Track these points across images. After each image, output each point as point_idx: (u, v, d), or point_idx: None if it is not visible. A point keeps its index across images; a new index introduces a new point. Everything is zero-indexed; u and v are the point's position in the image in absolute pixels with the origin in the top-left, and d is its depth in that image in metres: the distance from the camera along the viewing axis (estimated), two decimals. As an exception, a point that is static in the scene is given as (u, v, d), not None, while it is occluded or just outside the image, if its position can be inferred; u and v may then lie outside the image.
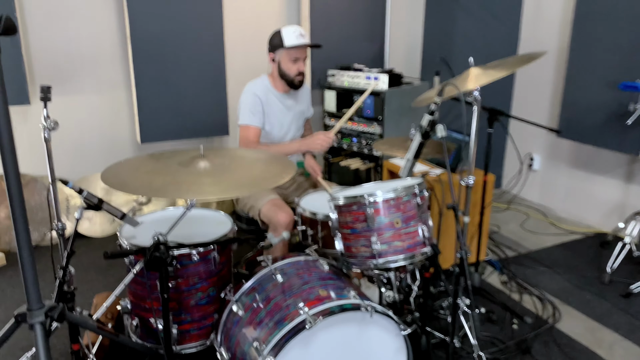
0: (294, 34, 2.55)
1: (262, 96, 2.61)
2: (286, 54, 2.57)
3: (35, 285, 1.37)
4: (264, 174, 1.82)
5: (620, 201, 3.44)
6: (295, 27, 2.58)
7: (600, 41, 3.14)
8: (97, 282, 2.90)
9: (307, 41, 2.59)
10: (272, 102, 2.66)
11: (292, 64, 2.58)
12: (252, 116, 2.58)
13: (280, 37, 2.56)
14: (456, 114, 4.35)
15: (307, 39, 2.60)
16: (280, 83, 2.66)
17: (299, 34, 2.56)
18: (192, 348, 1.95)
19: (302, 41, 2.56)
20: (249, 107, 2.59)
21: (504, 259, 3.13)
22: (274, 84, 2.69)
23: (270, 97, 2.66)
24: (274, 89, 2.69)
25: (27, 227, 1.33)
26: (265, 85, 2.67)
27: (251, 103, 2.59)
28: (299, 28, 2.59)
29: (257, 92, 2.61)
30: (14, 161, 1.28)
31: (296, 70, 2.60)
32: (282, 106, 2.70)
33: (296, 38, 2.54)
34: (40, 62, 3.36)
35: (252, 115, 2.58)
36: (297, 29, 2.58)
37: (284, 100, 2.71)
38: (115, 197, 3.55)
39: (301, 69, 2.62)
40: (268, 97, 2.65)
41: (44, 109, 1.94)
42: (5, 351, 2.24)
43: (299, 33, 2.56)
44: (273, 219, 2.34)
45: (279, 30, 2.59)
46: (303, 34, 2.58)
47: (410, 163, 2.14)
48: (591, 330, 2.43)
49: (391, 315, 1.71)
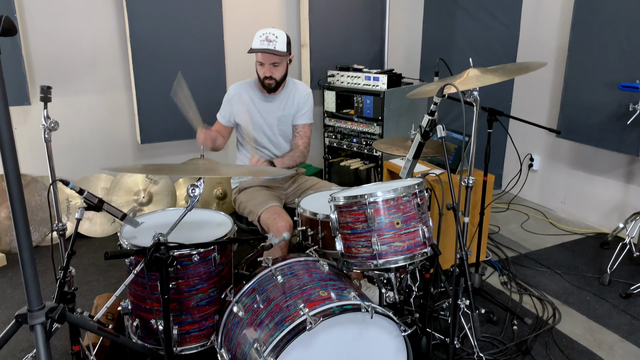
0: (259, 37, 2.51)
1: (235, 93, 2.68)
2: (254, 56, 2.58)
3: (36, 286, 1.37)
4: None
5: (620, 201, 3.44)
6: (265, 31, 2.52)
7: (600, 41, 3.14)
8: (98, 282, 2.90)
9: (266, 47, 2.50)
10: (245, 101, 2.67)
11: (259, 67, 2.58)
12: (221, 111, 2.72)
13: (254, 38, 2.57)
14: (456, 114, 4.35)
15: (273, 45, 2.51)
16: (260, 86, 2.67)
17: (265, 38, 2.50)
18: (193, 349, 1.95)
19: (263, 46, 2.50)
20: (223, 102, 2.73)
21: (504, 260, 3.13)
22: (260, 85, 2.68)
23: (248, 95, 2.68)
24: (258, 89, 2.70)
25: (27, 228, 1.33)
26: (247, 84, 2.71)
27: (225, 100, 2.71)
28: (269, 31, 2.52)
29: (231, 90, 2.70)
30: (14, 161, 1.28)
31: (262, 74, 2.57)
32: (261, 107, 2.69)
33: (259, 42, 2.51)
34: (40, 62, 3.36)
35: (221, 110, 2.72)
36: (267, 33, 2.51)
37: (265, 100, 2.70)
38: (116, 198, 3.55)
39: (267, 73, 2.56)
40: (243, 95, 2.67)
41: (44, 109, 1.94)
42: (5, 352, 2.24)
43: (265, 37, 2.50)
44: (272, 226, 2.34)
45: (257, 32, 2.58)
46: (271, 39, 2.50)
47: (410, 163, 2.14)
48: (591, 331, 2.43)
49: (391, 316, 1.71)
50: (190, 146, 3.94)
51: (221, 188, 3.88)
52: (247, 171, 2.44)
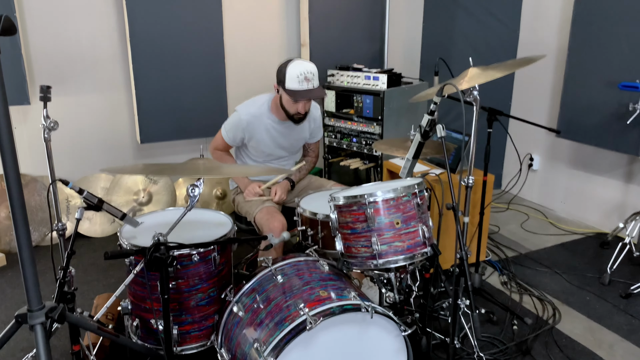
0: (297, 77, 2.35)
1: (248, 123, 2.53)
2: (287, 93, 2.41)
3: (36, 286, 1.37)
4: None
5: (620, 201, 3.44)
6: (302, 69, 2.35)
7: (600, 41, 3.14)
8: (98, 282, 2.90)
9: (309, 87, 2.37)
10: (260, 128, 2.56)
11: (292, 104, 2.43)
12: (228, 133, 2.59)
13: (284, 74, 2.38)
14: (456, 114, 4.35)
15: (312, 84, 2.38)
16: (280, 112, 2.53)
17: (303, 78, 2.35)
18: (193, 349, 1.95)
19: (303, 87, 2.36)
20: (230, 124, 2.58)
21: (504, 260, 3.13)
22: (275, 110, 2.55)
23: (262, 123, 2.56)
24: (273, 114, 2.56)
25: (27, 228, 1.33)
26: (261, 112, 2.56)
27: (234, 124, 2.56)
28: (306, 70, 2.35)
29: (243, 117, 2.53)
30: (14, 161, 1.28)
31: (295, 111, 2.46)
32: (275, 132, 2.59)
33: (299, 83, 2.35)
34: (40, 62, 3.36)
35: (229, 132, 2.59)
36: (304, 71, 2.35)
37: (280, 126, 2.59)
38: (116, 197, 3.55)
39: (302, 110, 2.45)
40: (258, 124, 2.55)
41: (44, 109, 1.94)
42: (5, 352, 2.24)
43: (304, 77, 2.34)
44: (265, 226, 2.35)
45: (287, 62, 2.40)
46: (309, 77, 2.36)
47: (410, 163, 2.14)
48: (591, 330, 2.43)
49: (391, 315, 1.71)
50: (190, 146, 3.94)
51: (221, 188, 3.88)
52: (247, 172, 2.45)
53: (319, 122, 2.78)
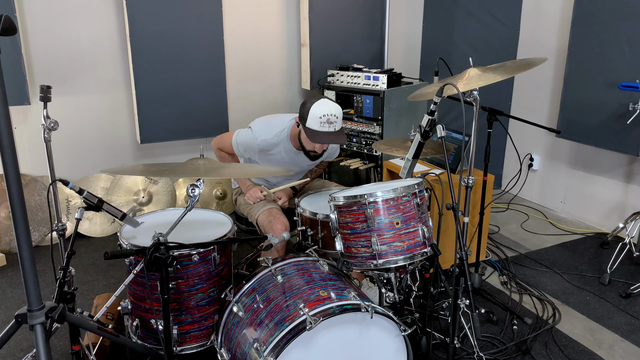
0: (319, 119, 2.26)
1: (262, 148, 2.48)
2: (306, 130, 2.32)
3: (36, 286, 1.37)
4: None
5: (620, 201, 3.44)
6: (326, 110, 2.26)
7: (600, 41, 3.14)
8: (98, 282, 2.90)
9: (330, 129, 2.27)
10: (275, 154, 2.52)
11: (309, 142, 2.37)
12: (239, 146, 2.53)
13: (307, 111, 2.29)
14: (456, 114, 4.35)
15: (334, 127, 2.28)
16: (297, 143, 2.47)
17: (326, 121, 2.26)
18: (193, 349, 1.95)
19: (324, 129, 2.27)
20: (244, 140, 2.50)
21: (504, 260, 3.13)
22: (293, 140, 2.49)
23: (277, 150, 2.51)
24: (290, 143, 2.51)
25: (27, 228, 1.33)
26: (278, 140, 2.49)
27: (247, 142, 2.49)
28: (330, 113, 2.26)
29: (259, 142, 2.46)
30: (14, 161, 1.28)
31: (312, 148, 2.41)
32: (288, 158, 2.55)
33: (320, 125, 2.26)
34: (40, 62, 3.36)
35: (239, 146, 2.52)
36: (328, 113, 2.26)
37: (295, 155, 2.55)
38: (116, 197, 3.55)
39: (319, 150, 2.41)
40: (273, 149, 2.50)
41: (44, 109, 1.94)
42: (5, 352, 2.24)
43: (327, 120, 2.25)
44: (268, 228, 2.36)
45: (312, 102, 2.30)
46: (332, 120, 2.26)
47: (410, 163, 2.14)
48: (591, 330, 2.43)
49: (391, 315, 1.71)
50: (190, 146, 3.94)
51: (221, 188, 3.88)
52: (247, 172, 2.45)
53: (336, 148, 2.72)
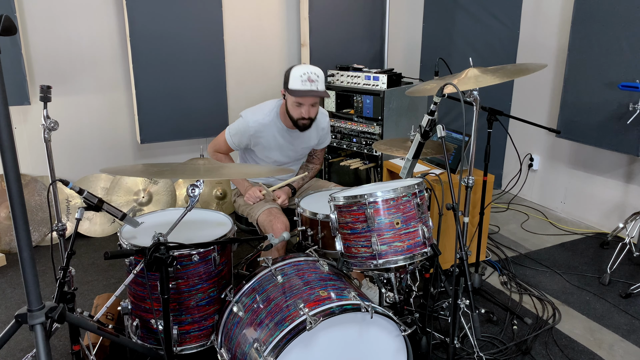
0: (300, 77, 2.33)
1: (256, 130, 2.50)
2: (290, 96, 2.40)
3: (36, 286, 1.37)
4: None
5: (620, 201, 3.44)
6: (305, 69, 2.34)
7: (600, 41, 3.14)
8: (98, 282, 2.90)
9: (312, 88, 2.34)
10: (268, 136, 2.53)
11: (296, 107, 2.41)
12: (233, 138, 2.56)
13: (288, 75, 2.38)
14: (456, 114, 4.35)
15: (316, 86, 2.35)
16: (288, 119, 2.50)
17: (307, 79, 2.33)
18: (193, 349, 1.95)
19: (306, 87, 2.34)
20: (236, 130, 2.54)
21: (504, 260, 3.13)
22: (282, 117, 2.53)
23: (270, 132, 2.53)
24: (282, 122, 2.54)
25: (27, 228, 1.33)
26: (269, 119, 2.52)
27: (240, 130, 2.52)
28: (310, 71, 2.34)
29: (250, 124, 2.50)
30: (14, 161, 1.28)
31: (299, 115, 2.42)
32: (283, 140, 2.57)
33: (301, 83, 2.33)
34: (40, 62, 3.36)
35: (233, 137, 2.55)
36: (307, 71, 2.34)
37: (288, 134, 2.57)
38: (116, 197, 3.55)
39: (306, 115, 2.41)
40: (266, 132, 2.52)
41: (44, 109, 1.94)
42: (5, 352, 2.24)
43: (307, 78, 2.33)
44: (268, 227, 2.35)
45: (292, 67, 2.40)
46: (313, 78, 2.34)
47: (410, 163, 2.14)
48: (591, 330, 2.43)
49: (391, 315, 1.71)
50: (190, 146, 3.95)
51: (221, 188, 3.88)
52: (247, 172, 2.45)
53: (328, 129, 2.75)
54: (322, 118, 2.69)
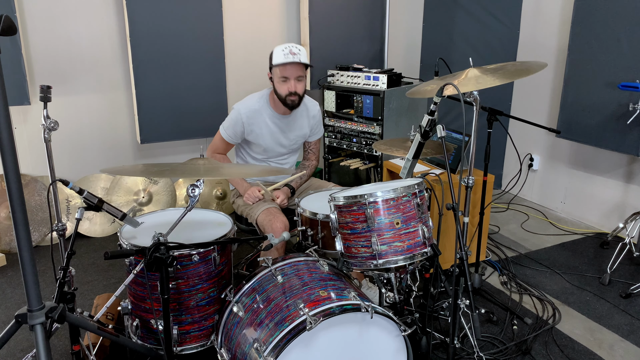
0: (283, 51, 2.42)
1: (247, 117, 2.54)
2: (276, 72, 2.47)
3: (36, 286, 1.37)
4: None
5: (620, 201, 3.44)
6: (287, 45, 2.45)
7: (600, 41, 3.14)
8: (98, 282, 2.90)
9: (294, 59, 2.41)
10: (262, 122, 2.57)
11: (282, 83, 2.46)
12: (227, 130, 2.59)
13: (271, 54, 2.48)
14: (456, 114, 4.35)
15: (299, 58, 2.42)
16: (278, 104, 2.55)
17: (289, 52, 2.42)
18: (193, 349, 1.95)
19: (289, 59, 2.41)
20: (229, 122, 2.58)
21: (504, 260, 3.13)
22: (273, 103, 2.58)
23: (261, 118, 2.57)
24: (272, 108, 2.59)
25: (27, 228, 1.33)
26: (259, 105, 2.57)
27: (233, 119, 2.56)
28: (292, 45, 2.46)
29: (242, 112, 2.54)
30: (14, 161, 1.28)
31: (286, 90, 2.46)
32: (276, 127, 2.60)
33: (284, 56, 2.41)
34: (40, 62, 3.36)
35: (227, 129, 2.58)
36: (290, 46, 2.45)
37: (279, 121, 2.60)
38: (116, 197, 3.55)
39: (292, 89, 2.46)
40: (258, 118, 2.56)
41: (44, 109, 1.94)
42: (5, 352, 2.24)
43: (289, 51, 2.42)
44: (268, 227, 2.35)
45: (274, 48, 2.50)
46: (295, 52, 2.43)
47: (410, 163, 2.14)
48: (591, 331, 2.43)
49: (391, 316, 1.71)
50: (190, 146, 3.95)
51: (221, 188, 3.88)
52: (247, 172, 2.45)
53: (319, 118, 2.78)
54: (312, 105, 2.73)
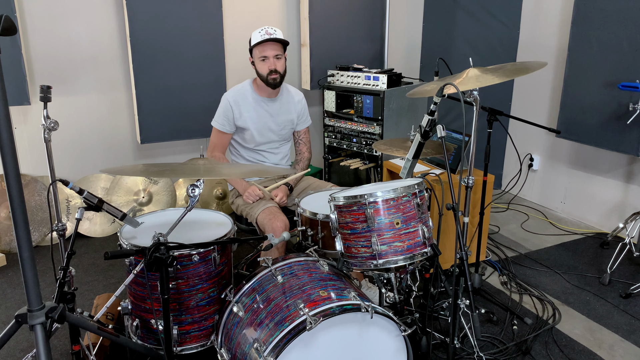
0: (259, 32, 2.55)
1: (234, 100, 2.63)
2: (255, 54, 2.58)
3: (36, 286, 1.37)
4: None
5: (620, 201, 3.44)
6: (263, 27, 2.58)
7: (600, 41, 3.14)
8: (98, 282, 2.90)
9: (270, 37, 2.53)
10: (248, 105, 2.65)
11: (262, 62, 2.56)
12: (219, 119, 2.66)
13: (250, 40, 2.60)
14: (456, 114, 4.35)
15: (275, 36, 2.55)
16: (263, 86, 2.64)
17: (265, 32, 2.55)
18: (193, 349, 1.95)
19: (265, 37, 2.53)
20: (220, 111, 2.66)
21: (504, 260, 3.13)
22: (257, 88, 2.68)
23: (248, 101, 2.65)
24: (256, 92, 2.68)
25: (27, 228, 1.33)
26: (244, 90, 2.67)
27: (222, 107, 2.65)
28: (268, 27, 2.58)
29: (229, 97, 2.64)
30: (14, 161, 1.28)
31: (267, 69, 2.56)
32: (263, 110, 2.68)
33: (261, 36, 2.54)
34: (40, 62, 3.36)
35: (219, 118, 2.66)
36: (266, 27, 2.57)
37: (266, 104, 2.68)
38: (116, 198, 3.55)
39: (272, 66, 2.56)
40: (244, 101, 2.65)
41: (44, 109, 1.94)
42: (5, 352, 2.24)
43: (265, 31, 2.55)
44: (268, 226, 2.36)
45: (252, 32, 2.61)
46: (271, 32, 2.56)
47: (410, 163, 2.14)
48: (591, 330, 2.43)
49: (391, 316, 1.71)
50: (190, 146, 3.94)
51: (221, 188, 3.88)
52: (247, 172, 2.45)
53: (304, 104, 2.84)
54: (296, 92, 2.83)
